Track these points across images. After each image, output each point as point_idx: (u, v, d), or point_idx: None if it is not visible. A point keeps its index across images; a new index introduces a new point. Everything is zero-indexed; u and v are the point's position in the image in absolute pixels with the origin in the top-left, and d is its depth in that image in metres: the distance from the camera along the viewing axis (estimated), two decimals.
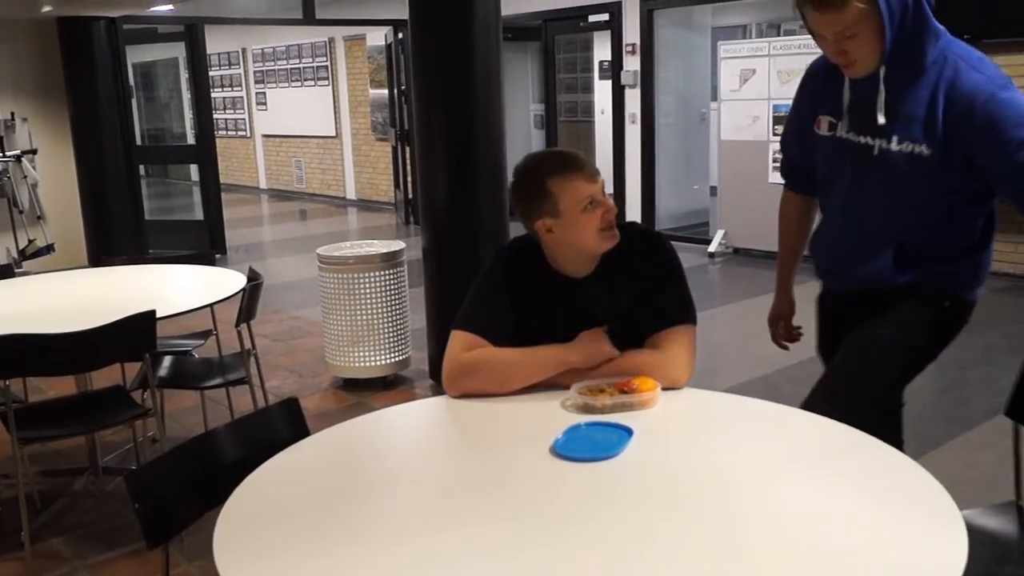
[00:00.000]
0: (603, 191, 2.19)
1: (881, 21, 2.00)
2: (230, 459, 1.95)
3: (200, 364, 4.06)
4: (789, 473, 1.73)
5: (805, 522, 1.53)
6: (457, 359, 2.18)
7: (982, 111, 2.00)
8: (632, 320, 2.21)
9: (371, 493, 1.73)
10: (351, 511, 1.64)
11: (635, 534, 1.52)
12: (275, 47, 14.43)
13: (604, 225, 2.16)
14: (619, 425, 1.92)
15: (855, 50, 2.06)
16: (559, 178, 2.15)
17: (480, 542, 1.51)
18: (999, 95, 2.00)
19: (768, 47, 7.99)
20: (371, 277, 4.83)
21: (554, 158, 2.21)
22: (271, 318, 6.63)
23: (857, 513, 1.55)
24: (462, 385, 2.17)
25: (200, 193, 9.70)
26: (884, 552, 1.42)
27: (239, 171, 16.07)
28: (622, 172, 9.72)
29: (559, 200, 2.15)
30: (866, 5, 1.98)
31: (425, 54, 4.63)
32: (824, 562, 1.41)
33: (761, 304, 6.82)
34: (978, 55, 2.10)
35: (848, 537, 1.48)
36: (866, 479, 1.69)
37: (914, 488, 1.62)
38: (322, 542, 1.52)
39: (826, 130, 2.30)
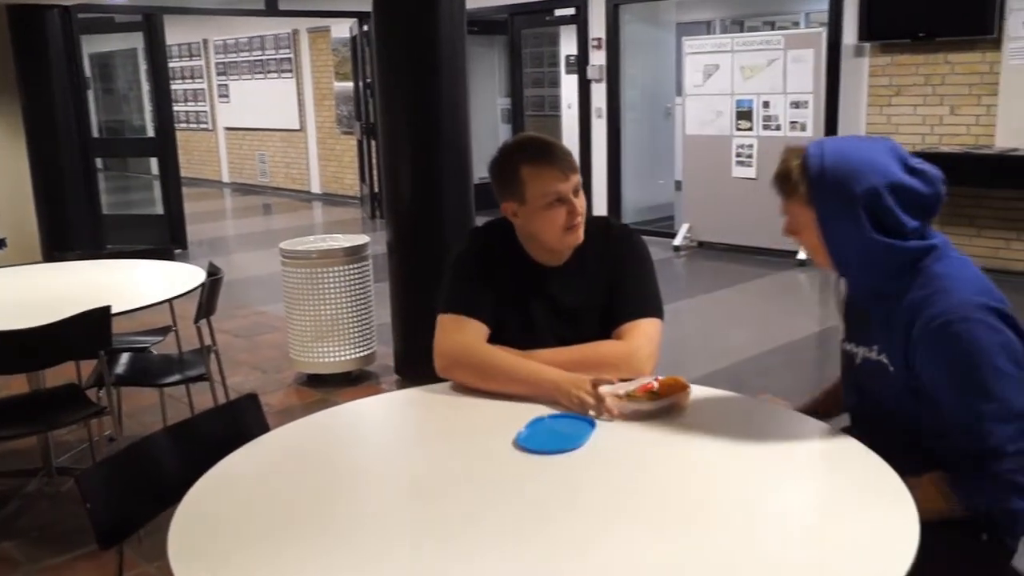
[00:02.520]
0: (576, 190, 2.16)
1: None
2: (187, 457, 1.90)
3: (159, 361, 3.99)
4: (750, 462, 1.73)
5: (765, 509, 1.55)
6: (445, 346, 2.16)
7: (928, 332, 1.75)
8: (601, 312, 2.21)
9: (331, 489, 1.70)
10: (310, 508, 1.61)
11: (595, 525, 1.52)
12: (237, 39, 14.27)
13: (567, 224, 2.14)
14: (582, 417, 1.92)
15: (803, 241, 1.91)
16: (532, 167, 2.13)
17: (441, 537, 1.49)
18: (955, 325, 1.73)
19: (731, 43, 8.02)
20: (335, 272, 4.77)
21: (534, 145, 2.19)
22: (234, 314, 6.54)
23: (816, 500, 1.60)
24: (451, 374, 2.16)
25: (160, 187, 9.56)
26: (841, 537, 1.45)
27: (201, 164, 15.88)
28: (588, 166, 9.72)
29: (527, 188, 2.13)
30: (807, 210, 1.83)
31: (389, 46, 4.57)
32: (783, 548, 1.43)
33: (725, 297, 6.92)
34: (963, 274, 1.81)
35: (807, 523, 1.51)
36: (827, 469, 1.71)
37: (871, 476, 1.63)
38: (280, 540, 1.49)
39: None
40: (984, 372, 1.70)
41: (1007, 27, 6.59)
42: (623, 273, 2.23)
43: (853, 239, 1.81)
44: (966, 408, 1.73)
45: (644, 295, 2.22)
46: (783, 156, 1.90)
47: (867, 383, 1.96)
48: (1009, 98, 6.67)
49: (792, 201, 1.87)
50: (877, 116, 7.42)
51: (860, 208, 1.77)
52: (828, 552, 1.42)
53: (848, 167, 1.79)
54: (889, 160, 1.80)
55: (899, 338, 1.81)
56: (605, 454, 1.78)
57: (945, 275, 1.79)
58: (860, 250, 1.82)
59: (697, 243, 8.47)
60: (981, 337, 1.71)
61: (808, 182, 1.82)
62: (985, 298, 1.75)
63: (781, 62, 7.62)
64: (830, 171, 1.79)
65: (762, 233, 7.78)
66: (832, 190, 1.79)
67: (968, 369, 1.71)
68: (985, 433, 1.71)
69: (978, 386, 1.71)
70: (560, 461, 1.75)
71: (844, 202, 1.78)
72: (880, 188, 1.77)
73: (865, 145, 1.85)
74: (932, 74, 7.06)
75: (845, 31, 7.47)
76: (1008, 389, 1.71)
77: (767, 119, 7.78)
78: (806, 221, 1.85)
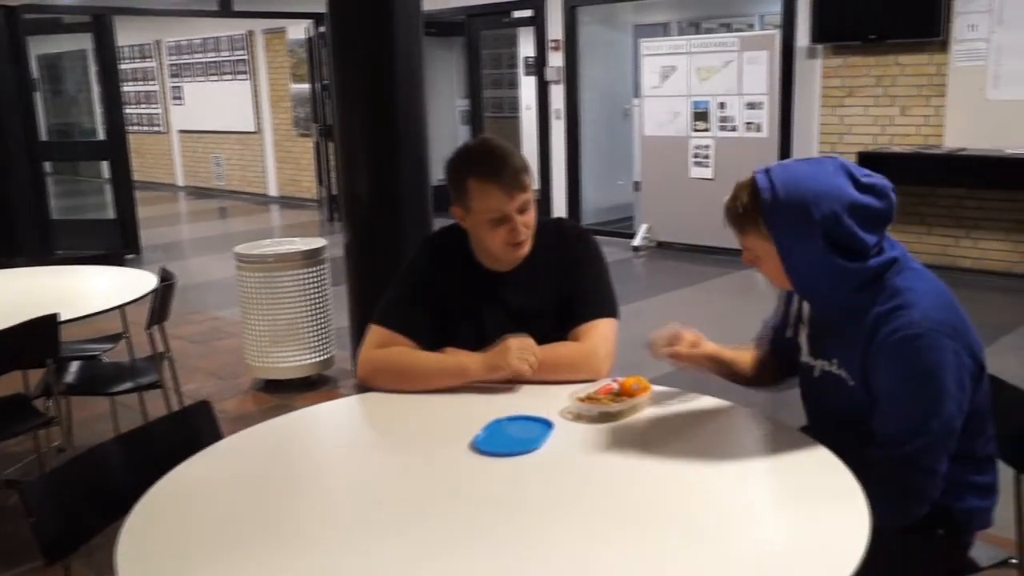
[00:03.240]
0: (523, 207, 2.13)
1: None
2: (137, 467, 1.86)
3: (110, 369, 3.92)
4: (708, 462, 1.74)
5: (719, 509, 1.56)
6: (366, 357, 2.18)
7: (888, 345, 1.75)
8: (556, 314, 2.20)
9: (285, 497, 1.68)
10: (263, 516, 1.58)
11: (551, 527, 1.51)
12: (191, 40, 14.09)
13: (508, 242, 2.14)
14: (539, 419, 1.91)
15: (763, 270, 1.91)
16: (479, 181, 2.11)
17: (397, 541, 1.48)
18: (916, 340, 1.73)
19: (687, 45, 8.08)
20: (291, 276, 4.72)
21: (485, 157, 2.14)
22: (189, 319, 6.46)
23: (770, 499, 1.61)
24: (372, 382, 2.16)
25: (112, 191, 9.41)
26: (791, 536, 1.47)
27: (154, 168, 15.66)
28: (547, 167, 9.73)
29: (472, 201, 2.13)
30: (765, 242, 1.82)
31: (344, 48, 4.53)
32: (734, 547, 1.44)
33: (684, 296, 6.95)
34: (925, 287, 1.81)
35: (759, 522, 1.52)
36: (782, 468, 1.71)
37: (825, 475, 1.64)
38: (232, 550, 1.46)
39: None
40: (934, 389, 1.72)
41: (953, 30, 6.70)
42: (577, 274, 2.23)
43: (815, 265, 1.79)
44: (907, 419, 1.75)
45: (599, 296, 2.22)
46: (733, 192, 1.87)
47: (824, 395, 1.97)
48: (956, 99, 6.78)
49: (748, 235, 1.85)
50: (830, 116, 7.51)
51: (819, 235, 1.76)
52: (776, 551, 1.43)
53: (802, 195, 1.76)
54: (841, 181, 1.78)
55: (859, 350, 1.81)
56: (562, 456, 1.78)
57: (907, 289, 1.79)
58: (823, 274, 1.81)
59: (656, 243, 8.51)
60: (939, 356, 1.72)
61: (763, 214, 1.79)
62: (946, 314, 1.77)
63: (736, 64, 7.69)
64: (784, 201, 1.77)
65: (720, 233, 7.68)
66: (789, 220, 1.77)
67: (922, 384, 1.73)
68: (910, 443, 1.74)
69: (926, 401, 1.73)
70: (517, 463, 1.74)
71: (803, 230, 1.77)
72: (838, 212, 1.75)
73: (814, 169, 1.82)
74: (883, 75, 7.16)
75: (798, 33, 7.54)
76: (951, 409, 1.74)
77: (723, 120, 7.84)
78: (765, 252, 1.84)
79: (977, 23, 6.59)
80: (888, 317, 1.76)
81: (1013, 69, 6.49)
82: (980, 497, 1.93)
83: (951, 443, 1.77)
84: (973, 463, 1.89)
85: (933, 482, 1.77)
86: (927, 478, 1.76)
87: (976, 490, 1.92)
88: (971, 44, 6.64)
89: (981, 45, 6.60)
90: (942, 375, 1.72)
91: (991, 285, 6.60)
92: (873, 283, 1.81)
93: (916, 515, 1.78)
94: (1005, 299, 6.27)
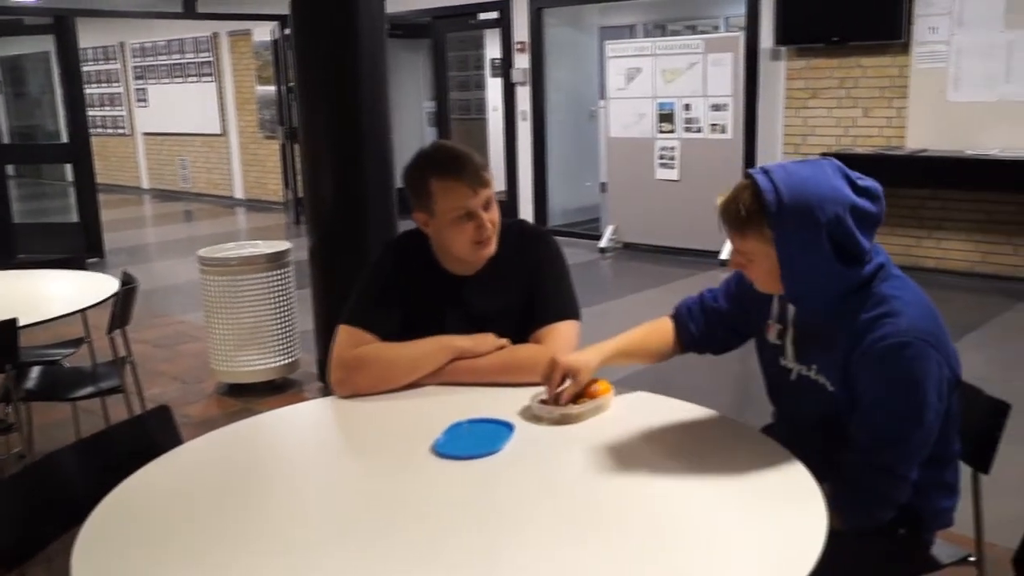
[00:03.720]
0: (487, 203, 2.14)
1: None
2: (95, 473, 1.84)
3: (71, 374, 3.87)
4: (667, 463, 1.75)
5: (678, 510, 1.57)
6: (343, 357, 2.14)
7: (875, 352, 1.75)
8: (518, 318, 2.20)
9: (245, 502, 1.66)
10: (223, 522, 1.57)
11: (511, 529, 1.52)
12: (155, 42, 13.96)
13: (476, 239, 2.14)
14: (501, 421, 1.91)
15: (751, 271, 1.89)
16: (441, 181, 2.11)
17: (358, 546, 1.47)
18: (904, 350, 1.73)
19: (652, 47, 8.11)
20: (256, 279, 4.70)
21: (444, 157, 2.15)
22: (153, 323, 6.40)
23: (730, 501, 1.60)
24: (349, 384, 2.13)
25: (75, 194, 9.30)
26: (749, 538, 1.48)
27: (119, 171, 15.50)
28: (514, 169, 9.74)
29: (436, 202, 2.12)
30: (766, 245, 1.78)
31: (307, 49, 4.52)
32: (693, 547, 1.45)
33: (651, 297, 6.98)
34: (910, 297, 1.81)
35: (718, 523, 1.52)
36: (742, 469, 1.71)
37: (785, 477, 1.66)
38: (191, 558, 1.45)
39: (775, 338, 2.04)
40: (918, 399, 1.73)
41: (915, 32, 6.79)
42: (539, 277, 2.23)
43: (814, 269, 1.78)
44: (888, 426, 1.75)
45: (561, 298, 2.22)
46: (732, 193, 1.82)
47: (799, 399, 1.98)
48: (917, 100, 6.87)
49: (748, 237, 1.80)
50: (794, 118, 7.57)
51: (824, 237, 1.74)
52: (734, 552, 1.44)
53: (807, 197, 1.74)
54: (840, 183, 1.77)
55: (841, 356, 1.81)
56: (523, 458, 1.78)
57: (894, 297, 1.79)
58: (819, 279, 1.79)
59: (623, 244, 8.54)
60: (925, 367, 1.72)
61: (767, 216, 1.75)
62: (931, 324, 1.77)
63: (701, 66, 7.73)
64: (789, 204, 1.73)
65: (686, 234, 7.89)
66: (794, 223, 1.74)
67: (906, 393, 1.73)
68: (887, 451, 1.76)
69: (909, 410, 1.74)
70: (478, 466, 1.74)
71: (808, 233, 1.74)
72: (841, 214, 1.74)
73: (814, 171, 1.79)
74: (846, 77, 7.23)
75: (762, 35, 7.61)
76: (930, 421, 1.75)
77: (688, 121, 7.88)
78: (762, 255, 1.81)
79: (938, 25, 6.67)
80: (875, 324, 1.75)
81: (973, 71, 6.58)
82: (944, 497, 1.95)
83: (925, 452, 1.79)
84: (939, 464, 1.91)
85: (904, 489, 1.78)
86: (899, 485, 1.77)
87: (941, 489, 1.94)
88: (932, 46, 6.73)
89: (942, 47, 6.68)
90: (926, 385, 1.73)
91: (954, 285, 6.69)
92: (861, 289, 1.81)
93: (882, 519, 1.80)
94: (967, 299, 6.35)
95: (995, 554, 2.09)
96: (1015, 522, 1.77)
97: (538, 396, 1.98)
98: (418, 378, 2.13)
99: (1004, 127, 6.48)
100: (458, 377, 2.13)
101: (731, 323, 2.15)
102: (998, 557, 2.00)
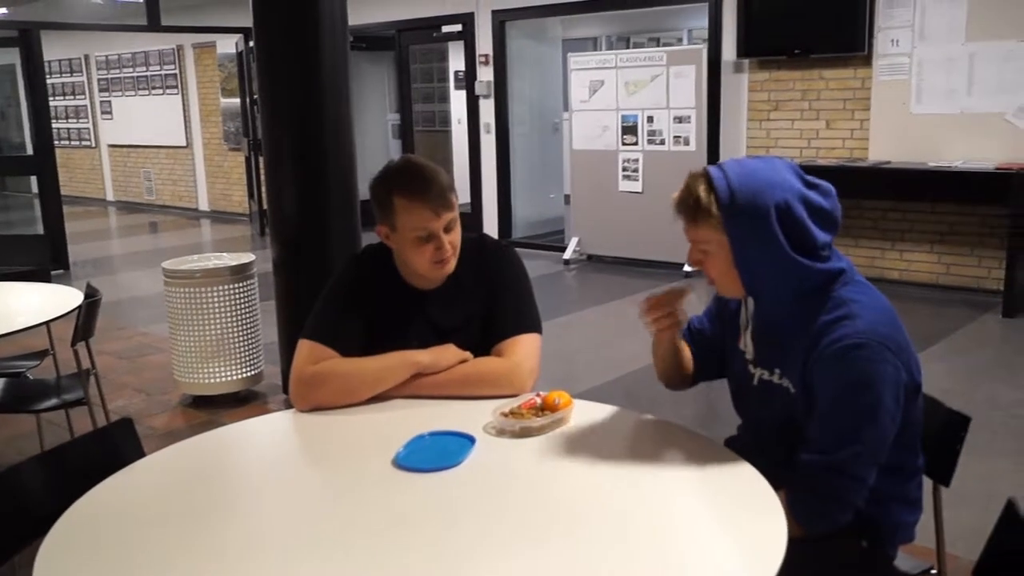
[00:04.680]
0: (449, 225, 2.15)
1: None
2: (56, 487, 1.84)
3: (35, 386, 3.85)
4: (627, 475, 1.76)
5: (639, 521, 1.57)
6: (303, 372, 2.14)
7: (830, 352, 1.78)
8: (480, 331, 2.22)
9: (208, 514, 1.67)
10: (186, 534, 1.58)
11: (471, 542, 1.52)
12: (120, 54, 13.88)
13: (434, 260, 2.15)
14: (462, 434, 1.92)
15: (707, 267, 1.91)
16: (405, 199, 2.12)
17: (318, 559, 1.48)
18: (859, 351, 1.76)
19: (615, 59, 8.16)
20: (219, 291, 4.69)
21: (410, 175, 2.15)
22: (118, 335, 6.36)
23: (689, 514, 1.61)
24: (310, 398, 2.12)
25: (40, 206, 9.22)
26: (709, 550, 1.49)
27: (84, 183, 15.37)
28: (478, 181, 9.77)
29: (398, 218, 2.13)
30: (719, 234, 1.82)
31: (270, 62, 4.53)
32: (653, 559, 1.45)
33: (614, 309, 7.04)
34: (870, 301, 1.84)
35: (679, 534, 1.54)
36: (703, 482, 1.73)
37: (745, 490, 1.67)
38: (153, 569, 1.46)
39: (742, 345, 2.06)
40: (872, 400, 1.76)
41: (876, 45, 6.88)
42: (500, 290, 2.25)
43: (767, 259, 1.81)
44: (842, 426, 1.78)
45: (522, 311, 2.24)
46: (686, 182, 1.87)
47: (761, 403, 2.00)
48: (880, 113, 6.97)
49: (701, 226, 1.84)
50: (757, 130, 7.66)
51: (774, 224, 1.78)
52: (695, 563, 1.45)
53: (756, 184, 1.80)
54: (790, 176, 1.83)
55: (800, 359, 1.84)
56: (484, 471, 1.78)
57: (854, 301, 1.82)
58: (774, 270, 1.83)
59: (587, 256, 8.58)
60: (880, 369, 1.75)
61: (718, 203, 1.80)
62: (890, 330, 1.80)
63: (664, 78, 7.80)
64: (739, 190, 1.79)
65: (649, 245, 7.94)
66: (744, 208, 1.79)
67: (860, 393, 1.76)
68: (842, 450, 1.78)
69: (863, 412, 1.76)
70: (439, 479, 1.74)
71: (758, 219, 1.79)
72: (790, 200, 1.79)
73: (764, 163, 1.86)
74: (808, 89, 7.32)
75: (724, 48, 7.69)
76: (884, 422, 1.78)
77: (651, 134, 7.95)
78: (716, 245, 1.85)
79: (899, 38, 6.76)
80: (833, 326, 1.78)
81: (935, 84, 6.67)
82: (906, 511, 1.97)
83: (881, 455, 1.81)
84: (902, 477, 1.94)
85: (859, 490, 1.80)
86: (854, 485, 1.79)
87: (903, 503, 1.96)
88: (894, 59, 6.82)
89: (904, 60, 6.78)
90: (880, 387, 1.75)
91: (918, 296, 6.76)
92: (820, 292, 1.84)
93: (839, 522, 1.81)
94: (931, 310, 6.42)
95: (956, 565, 2.11)
96: (976, 533, 1.79)
97: (499, 409, 1.99)
98: (379, 393, 2.14)
99: (966, 139, 6.57)
100: (420, 390, 2.13)
101: (720, 345, 2.18)
102: (960, 568, 2.02)
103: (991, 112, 6.48)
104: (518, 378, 2.14)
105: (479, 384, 2.13)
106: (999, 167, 6.24)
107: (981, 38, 6.47)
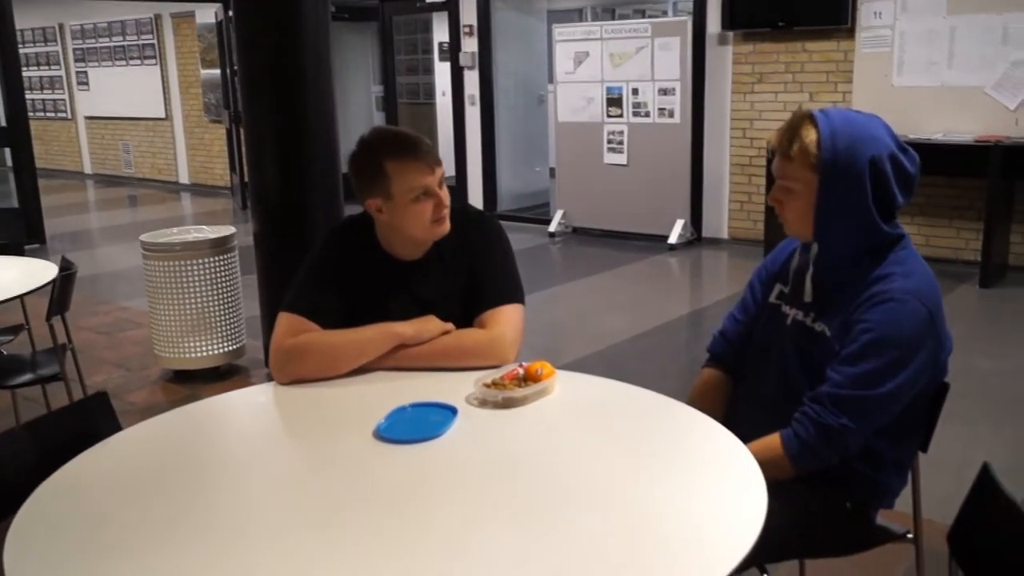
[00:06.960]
0: (440, 182, 2.15)
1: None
2: (29, 463, 1.80)
3: (9, 361, 3.80)
4: (610, 445, 1.75)
5: (622, 490, 1.57)
6: (283, 344, 2.12)
7: (876, 298, 1.84)
8: (462, 301, 2.20)
9: (185, 488, 1.64)
10: (161, 508, 1.55)
11: (454, 513, 1.51)
12: (96, 23, 13.68)
13: (434, 217, 2.14)
14: (444, 405, 1.90)
15: (787, 206, 1.94)
16: (396, 162, 2.10)
17: (301, 531, 1.46)
18: (904, 304, 1.82)
19: (600, 30, 8.11)
20: (200, 264, 4.63)
21: (397, 140, 2.15)
22: (96, 310, 6.29)
23: (674, 480, 1.61)
24: (291, 371, 2.10)
25: (14, 179, 9.10)
26: (691, 516, 1.48)
27: (60, 155, 15.20)
28: (463, 154, 9.71)
29: (392, 183, 2.11)
30: (811, 175, 1.87)
31: (249, 32, 4.44)
32: (638, 526, 1.45)
33: (599, 282, 7.03)
34: (922, 269, 1.91)
35: (662, 501, 1.52)
36: (686, 451, 1.73)
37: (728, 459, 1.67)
38: (127, 547, 1.42)
39: (775, 297, 2.12)
40: (899, 356, 1.81)
41: (859, 17, 6.88)
42: (482, 260, 2.23)
43: (847, 208, 1.86)
44: (862, 369, 1.82)
45: (504, 281, 2.22)
46: (791, 120, 1.92)
47: (787, 342, 2.03)
48: (862, 85, 6.96)
49: (796, 163, 1.89)
50: (741, 103, 7.64)
51: (865, 176, 1.84)
52: (676, 531, 1.44)
53: (857, 134, 1.86)
54: (886, 135, 1.89)
55: (844, 306, 1.89)
56: (466, 442, 1.77)
57: (907, 261, 1.89)
58: (849, 221, 1.88)
59: (572, 229, 8.56)
60: (917, 328, 1.82)
61: (819, 144, 1.85)
62: (935, 299, 1.86)
63: (649, 50, 7.76)
64: (840, 136, 1.85)
65: (634, 218, 7.93)
66: (842, 154, 1.84)
67: (891, 346, 1.82)
68: (854, 391, 1.82)
69: (887, 363, 1.82)
70: (420, 450, 1.73)
71: (852, 168, 1.84)
72: (884, 157, 1.85)
73: (867, 118, 1.92)
74: (792, 62, 7.31)
75: (709, 20, 7.65)
76: (902, 382, 1.82)
77: (636, 106, 7.91)
78: (804, 185, 1.89)
79: (882, 10, 6.77)
80: (885, 279, 1.85)
81: (916, 56, 6.68)
82: (898, 478, 2.03)
83: (887, 413, 1.86)
84: (905, 444, 1.99)
85: (854, 436, 1.85)
86: (850, 429, 1.83)
87: (897, 470, 2.02)
88: (876, 31, 6.82)
89: (886, 32, 6.78)
90: (913, 346, 1.82)
91: None
92: (880, 252, 1.90)
93: (828, 460, 1.86)
94: None
95: (932, 529, 2.14)
96: (951, 499, 1.81)
97: (482, 380, 1.98)
98: (360, 365, 2.11)
99: (946, 112, 6.60)
100: (402, 362, 2.11)
101: (753, 326, 2.20)
102: (935, 532, 2.04)
103: (971, 85, 6.50)
104: (500, 349, 2.12)
105: (461, 355, 2.11)
106: (978, 139, 6.29)
107: (962, 11, 6.48)
